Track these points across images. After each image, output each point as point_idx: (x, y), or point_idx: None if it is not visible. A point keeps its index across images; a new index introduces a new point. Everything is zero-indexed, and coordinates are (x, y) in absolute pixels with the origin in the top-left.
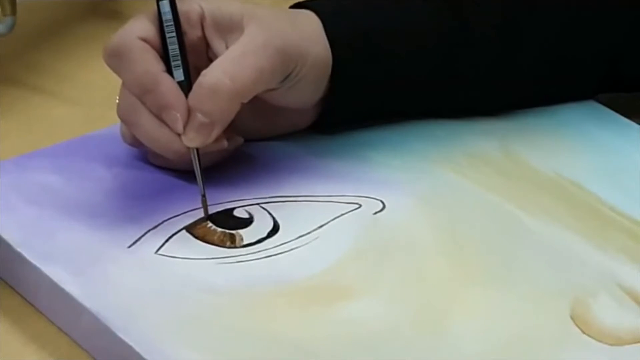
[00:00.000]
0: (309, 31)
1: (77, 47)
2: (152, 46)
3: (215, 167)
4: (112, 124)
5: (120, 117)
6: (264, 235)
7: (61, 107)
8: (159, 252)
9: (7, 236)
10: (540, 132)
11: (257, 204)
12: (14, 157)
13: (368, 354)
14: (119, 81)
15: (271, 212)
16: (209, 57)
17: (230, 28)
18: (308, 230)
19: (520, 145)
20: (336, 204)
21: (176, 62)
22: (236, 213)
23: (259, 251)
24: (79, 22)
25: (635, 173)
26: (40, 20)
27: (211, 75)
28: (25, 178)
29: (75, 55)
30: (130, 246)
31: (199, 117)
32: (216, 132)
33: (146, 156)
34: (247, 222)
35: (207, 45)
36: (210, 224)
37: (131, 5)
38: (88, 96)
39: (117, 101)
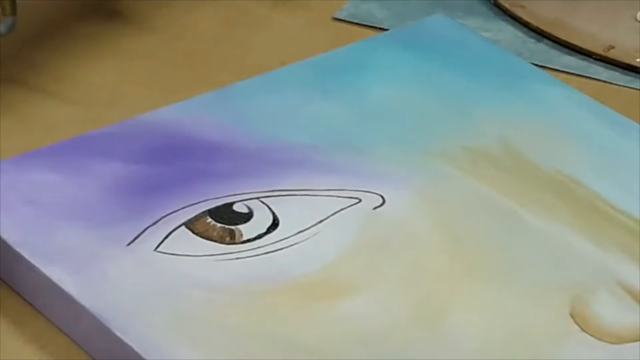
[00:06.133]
0: None
1: (77, 47)
2: None
3: (215, 160)
4: (111, 124)
5: None
6: (264, 230)
7: (61, 107)
8: (158, 249)
9: (6, 236)
10: (541, 128)
11: (257, 197)
12: (14, 157)
13: (367, 350)
14: (119, 81)
15: (270, 206)
16: None
17: None
18: (308, 226)
19: (520, 141)
20: (336, 198)
21: None
22: (236, 207)
23: (258, 247)
24: (79, 22)
25: (635, 171)
26: (40, 20)
27: None
28: (25, 178)
29: (75, 55)
30: (129, 244)
31: None
32: None
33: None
34: (246, 217)
35: None
36: (209, 219)
37: (131, 5)
38: (88, 96)
39: None
